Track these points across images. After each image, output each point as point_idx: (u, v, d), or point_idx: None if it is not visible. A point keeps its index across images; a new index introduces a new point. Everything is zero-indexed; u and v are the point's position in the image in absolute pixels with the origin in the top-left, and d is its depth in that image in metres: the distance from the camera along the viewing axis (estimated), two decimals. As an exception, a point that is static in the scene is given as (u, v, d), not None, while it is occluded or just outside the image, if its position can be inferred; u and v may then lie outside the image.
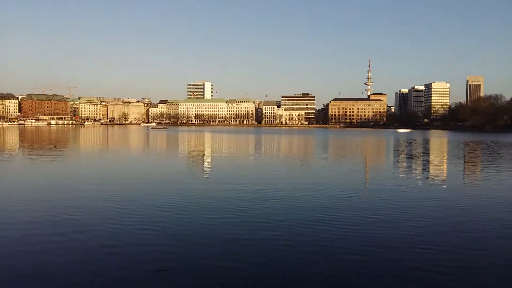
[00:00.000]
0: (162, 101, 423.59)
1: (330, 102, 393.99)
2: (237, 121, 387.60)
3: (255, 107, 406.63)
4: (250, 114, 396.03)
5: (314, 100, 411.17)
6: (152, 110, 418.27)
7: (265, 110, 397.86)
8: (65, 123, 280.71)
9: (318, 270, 10.33)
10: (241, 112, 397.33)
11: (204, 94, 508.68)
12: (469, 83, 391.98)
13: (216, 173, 30.30)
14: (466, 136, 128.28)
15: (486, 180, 27.67)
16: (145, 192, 20.76)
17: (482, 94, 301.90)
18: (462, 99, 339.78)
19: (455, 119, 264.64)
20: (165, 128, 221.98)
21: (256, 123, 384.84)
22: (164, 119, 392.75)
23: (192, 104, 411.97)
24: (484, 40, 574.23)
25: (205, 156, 46.85)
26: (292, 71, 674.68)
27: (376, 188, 23.77)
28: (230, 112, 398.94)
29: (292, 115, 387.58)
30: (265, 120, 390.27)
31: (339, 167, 35.45)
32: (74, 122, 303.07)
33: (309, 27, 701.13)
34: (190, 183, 24.18)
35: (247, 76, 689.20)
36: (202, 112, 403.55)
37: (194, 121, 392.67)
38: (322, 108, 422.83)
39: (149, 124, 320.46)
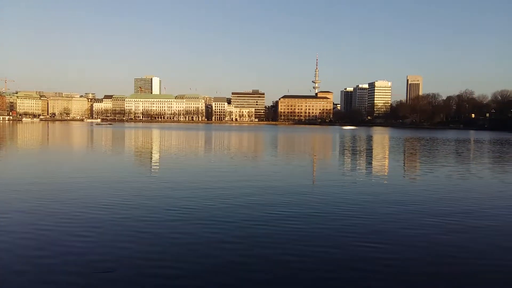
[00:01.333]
0: (107, 96, 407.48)
1: (279, 99, 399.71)
2: (187, 117, 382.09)
3: (205, 104, 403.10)
4: (200, 110, 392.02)
5: (264, 97, 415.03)
6: (97, 106, 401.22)
7: (215, 107, 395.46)
8: (0, 119, 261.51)
9: (258, 269, 10.02)
10: (190, 109, 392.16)
11: (152, 89, 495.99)
12: (409, 82, 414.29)
13: (161, 172, 29.26)
14: (406, 132, 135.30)
15: (426, 175, 28.99)
16: (81, 193, 19.40)
17: (421, 93, 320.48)
18: (403, 98, 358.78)
19: (396, 116, 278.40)
20: (110, 124, 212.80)
21: (206, 119, 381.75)
22: (110, 115, 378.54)
23: (139, 99, 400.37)
24: (423, 42, 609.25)
25: (152, 154, 45.27)
26: (243, 68, 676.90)
27: (323, 184, 24.06)
28: (179, 108, 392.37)
29: (243, 111, 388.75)
30: (215, 117, 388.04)
31: (288, 164, 35.66)
32: (11, 118, 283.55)
33: (259, 24, 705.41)
34: (133, 183, 23.03)
35: (197, 72, 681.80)
36: (150, 108, 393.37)
37: (141, 117, 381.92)
38: (271, 105, 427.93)
39: (93, 120, 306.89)
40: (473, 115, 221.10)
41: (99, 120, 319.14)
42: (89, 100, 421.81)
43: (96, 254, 11.02)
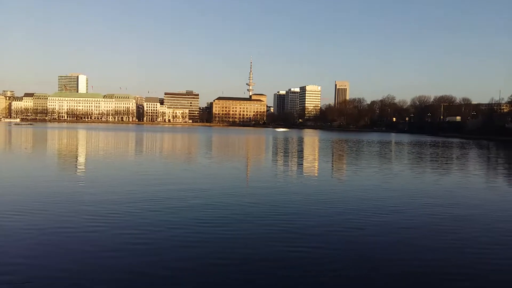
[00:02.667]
0: (27, 94, 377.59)
1: (214, 100, 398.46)
2: (116, 117, 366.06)
3: (136, 104, 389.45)
4: (130, 110, 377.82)
5: (198, 98, 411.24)
6: (16, 104, 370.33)
7: (147, 107, 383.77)
8: None
9: (180, 275, 9.79)
10: (120, 109, 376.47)
11: (78, 88, 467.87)
12: (337, 87, 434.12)
13: (85, 175, 27.56)
14: (335, 135, 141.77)
15: (353, 175, 30.48)
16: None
17: (348, 98, 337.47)
18: (332, 102, 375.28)
19: (325, 119, 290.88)
20: (30, 124, 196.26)
21: (137, 120, 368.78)
22: (30, 114, 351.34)
23: (64, 98, 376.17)
24: (350, 48, 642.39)
25: (75, 156, 42.57)
26: (177, 68, 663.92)
27: (256, 185, 24.25)
28: (108, 108, 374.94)
29: (176, 112, 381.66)
30: (147, 118, 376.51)
31: (222, 165, 35.53)
32: None
33: (193, 25, 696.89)
34: (51, 187, 21.39)
35: (128, 71, 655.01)
36: (75, 107, 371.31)
37: (66, 117, 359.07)
38: (206, 107, 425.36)
39: (12, 120, 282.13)
40: (394, 119, 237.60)
41: (18, 119, 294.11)
42: (7, 98, 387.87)
43: None
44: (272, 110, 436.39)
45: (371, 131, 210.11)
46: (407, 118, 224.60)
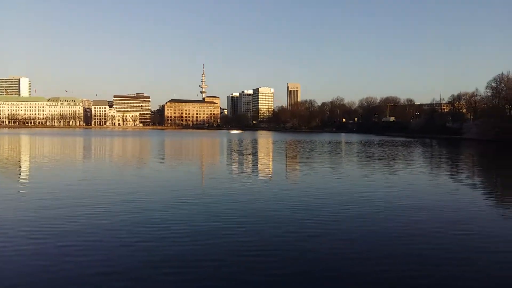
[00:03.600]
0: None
1: (166, 103, 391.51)
2: (62, 122, 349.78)
3: (84, 107, 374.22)
4: (77, 114, 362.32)
5: (149, 100, 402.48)
6: None
7: (95, 111, 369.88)
8: None
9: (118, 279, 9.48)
10: (66, 113, 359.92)
11: (20, 91, 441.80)
12: (289, 89, 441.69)
13: (27, 182, 25.95)
14: (288, 136, 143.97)
15: (306, 175, 31.04)
16: None
17: (299, 99, 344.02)
18: (284, 103, 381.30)
19: (278, 121, 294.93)
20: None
21: (84, 124, 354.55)
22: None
23: (4, 102, 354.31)
24: (300, 51, 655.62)
25: (16, 162, 39.97)
26: (126, 70, 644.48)
27: (212, 187, 24.00)
28: (53, 112, 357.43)
29: (126, 116, 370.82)
30: (95, 121, 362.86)
31: (175, 169, 34.85)
32: None
33: (144, 26, 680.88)
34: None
35: (74, 74, 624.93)
36: (17, 112, 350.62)
37: (7, 122, 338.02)
38: (158, 110, 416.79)
39: None
40: (344, 120, 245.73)
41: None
42: None
43: None
44: (225, 112, 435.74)
45: (322, 131, 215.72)
46: (355, 119, 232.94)
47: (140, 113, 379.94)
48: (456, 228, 14.86)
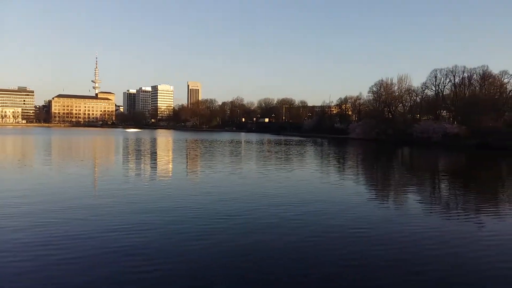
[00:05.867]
0: None
1: (53, 98, 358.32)
2: None
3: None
4: None
5: (33, 95, 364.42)
6: None
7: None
8: None
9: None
10: None
11: None
12: (190, 87, 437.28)
13: None
14: (188, 135, 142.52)
15: (207, 175, 31.09)
16: None
17: (200, 98, 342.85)
18: (185, 102, 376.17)
19: (179, 119, 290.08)
20: None
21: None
22: None
23: None
24: (201, 49, 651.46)
25: None
26: (7, 61, 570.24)
27: (106, 189, 22.66)
28: None
29: (6, 112, 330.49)
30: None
31: (63, 172, 32.05)
32: None
33: (25, 12, 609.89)
34: None
35: None
36: None
37: None
38: (43, 105, 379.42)
39: None
40: (244, 119, 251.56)
41: None
42: None
43: None
44: (122, 110, 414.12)
45: (223, 131, 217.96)
46: (254, 119, 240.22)
47: (22, 109, 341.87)
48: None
